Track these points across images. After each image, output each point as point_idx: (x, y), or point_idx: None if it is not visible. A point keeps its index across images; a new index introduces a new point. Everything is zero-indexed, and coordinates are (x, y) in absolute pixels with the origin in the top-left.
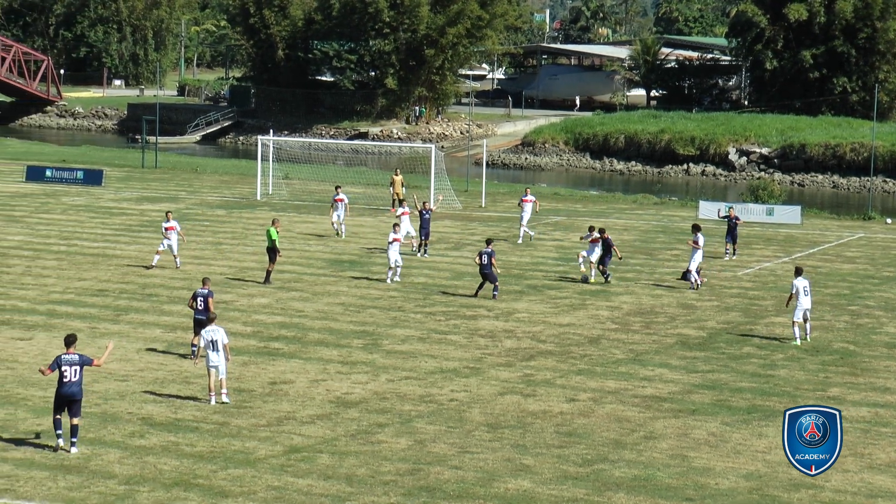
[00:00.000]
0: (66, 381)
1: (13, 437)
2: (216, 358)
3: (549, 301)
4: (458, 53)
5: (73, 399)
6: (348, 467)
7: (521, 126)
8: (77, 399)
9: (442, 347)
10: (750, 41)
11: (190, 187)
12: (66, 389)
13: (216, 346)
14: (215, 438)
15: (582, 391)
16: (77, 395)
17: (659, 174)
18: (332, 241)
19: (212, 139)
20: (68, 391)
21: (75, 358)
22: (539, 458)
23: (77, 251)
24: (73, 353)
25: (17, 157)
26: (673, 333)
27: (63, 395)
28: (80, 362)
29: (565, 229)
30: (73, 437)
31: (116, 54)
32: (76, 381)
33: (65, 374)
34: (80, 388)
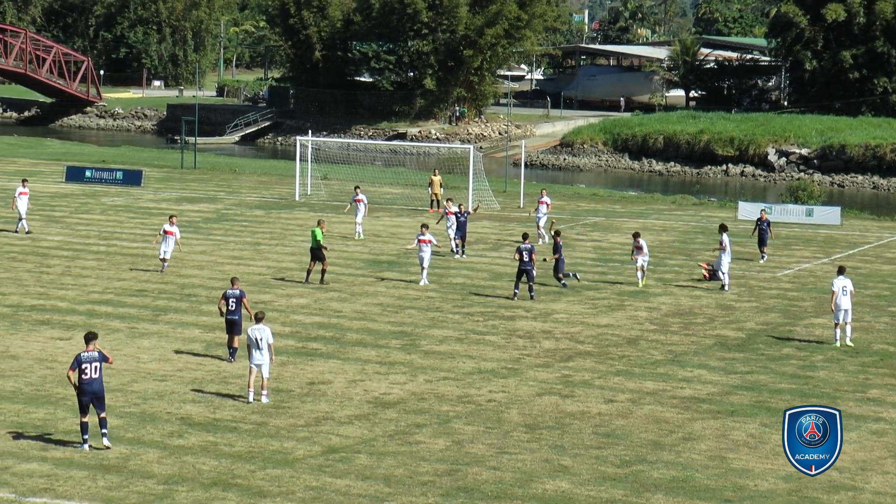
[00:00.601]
0: (86, 379)
1: (53, 437)
2: (260, 356)
3: (587, 302)
4: (496, 54)
5: (97, 395)
6: (386, 468)
7: (560, 126)
8: (100, 395)
9: (480, 348)
10: (790, 41)
11: (229, 188)
12: (88, 387)
13: (261, 344)
14: (254, 438)
15: (620, 392)
16: (99, 391)
17: (698, 175)
18: (369, 242)
19: (250, 140)
20: (90, 388)
21: (95, 355)
22: (577, 458)
23: (116, 251)
24: (92, 350)
25: (57, 157)
26: (712, 334)
27: (86, 393)
28: (99, 359)
29: (604, 230)
30: (104, 429)
31: (156, 55)
32: (97, 378)
33: (85, 371)
34: (102, 385)
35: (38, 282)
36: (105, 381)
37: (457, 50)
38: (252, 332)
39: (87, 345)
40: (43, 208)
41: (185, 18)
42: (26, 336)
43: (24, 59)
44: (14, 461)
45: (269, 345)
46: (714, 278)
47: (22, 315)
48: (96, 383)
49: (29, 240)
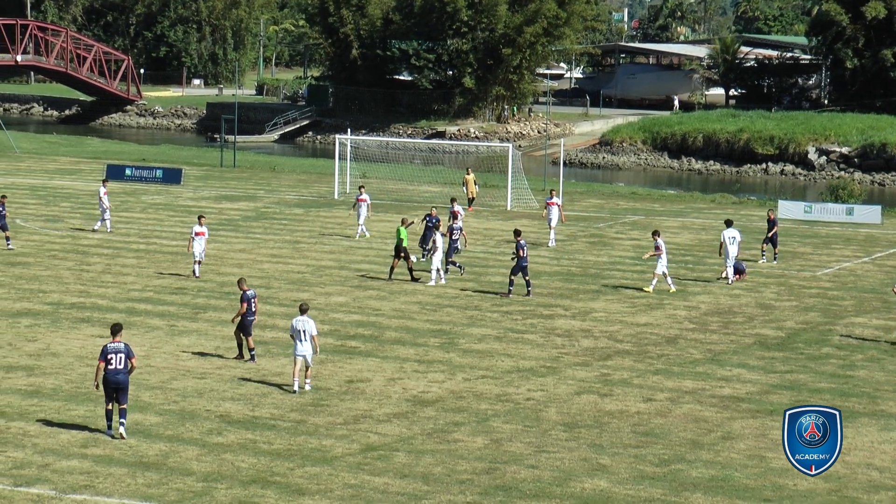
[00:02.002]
0: (111, 369)
1: (92, 435)
2: (303, 348)
3: (626, 300)
4: (535, 52)
5: (120, 387)
6: (424, 466)
7: (599, 125)
8: (124, 387)
9: (518, 346)
10: (830, 40)
11: (268, 186)
12: (113, 377)
13: (305, 336)
14: (292, 436)
15: (659, 391)
16: (123, 382)
17: (738, 174)
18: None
19: (290, 138)
20: (114, 378)
21: (121, 346)
22: (616, 457)
23: (156, 249)
24: (118, 341)
25: (98, 156)
26: (751, 333)
27: (110, 383)
28: (125, 351)
29: (643, 228)
30: (122, 419)
31: (196, 54)
32: (122, 368)
33: (111, 361)
34: (126, 377)
35: (79, 280)
36: (145, 379)
37: (496, 48)
38: (296, 323)
39: (113, 336)
40: (83, 206)
41: (225, 17)
42: (67, 333)
43: (66, 57)
44: (54, 458)
45: (313, 336)
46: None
47: (62, 313)
48: (121, 374)
49: (70, 237)
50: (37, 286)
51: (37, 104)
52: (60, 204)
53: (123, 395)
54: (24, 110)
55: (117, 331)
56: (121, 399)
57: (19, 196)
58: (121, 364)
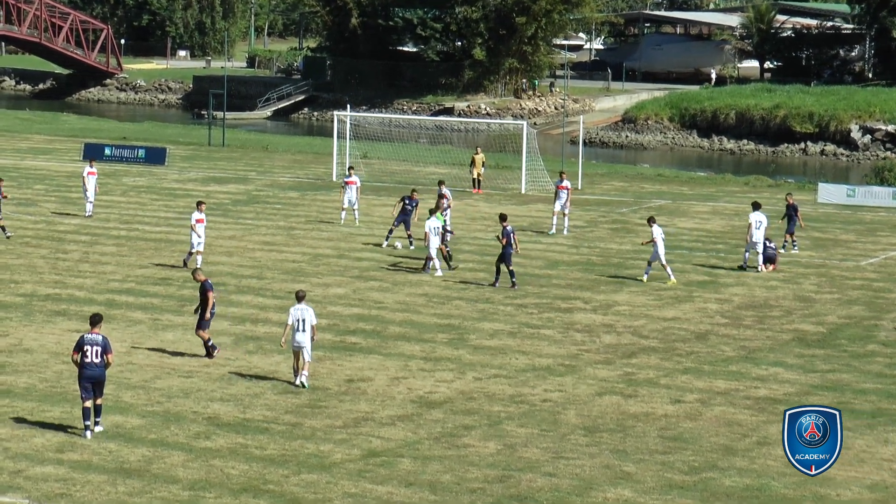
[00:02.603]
0: (87, 362)
1: (69, 438)
2: (302, 338)
3: (651, 293)
4: (552, 21)
5: (97, 381)
6: (432, 473)
7: (622, 101)
8: (101, 381)
9: (534, 343)
10: (875, 7)
11: (260, 167)
12: (88, 371)
13: (304, 325)
14: (287, 440)
15: (688, 392)
16: (99, 376)
17: (773, 154)
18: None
19: (284, 115)
20: (90, 373)
21: (98, 338)
22: (641, 464)
23: (138, 236)
24: (97, 332)
25: (75, 133)
26: (789, 329)
27: (86, 377)
28: (102, 344)
29: (670, 214)
30: (97, 417)
31: (181, 23)
32: (98, 362)
33: (86, 353)
34: (103, 371)
35: (54, 269)
36: (126, 378)
37: (509, 17)
38: (294, 312)
39: (92, 327)
40: (59, 189)
41: None
42: (41, 328)
43: (39, 26)
44: (28, 464)
45: (312, 326)
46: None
47: (36, 305)
48: (98, 368)
49: (44, 223)
50: (8, 276)
51: (8, 77)
52: (34, 186)
53: (100, 388)
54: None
55: (97, 321)
56: (97, 392)
57: None
58: (97, 357)
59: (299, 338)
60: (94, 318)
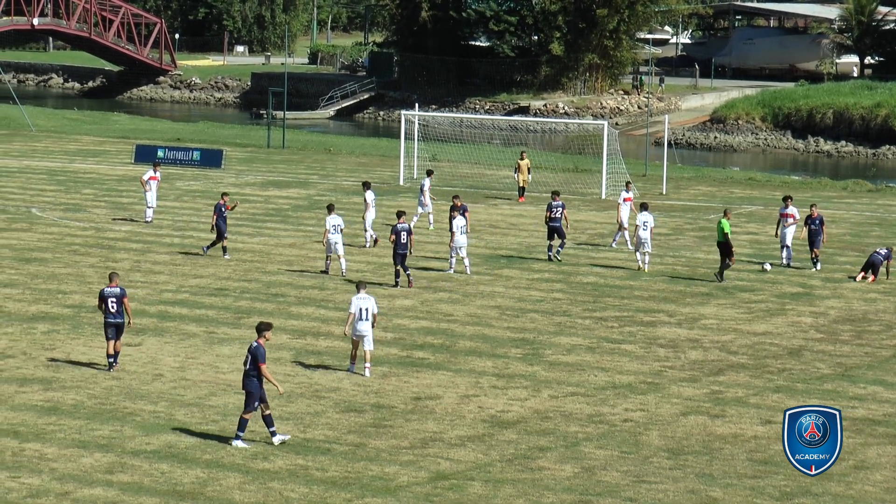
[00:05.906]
0: (110, 312)
1: (119, 459)
2: (364, 327)
3: (741, 305)
4: (635, 13)
5: (118, 328)
6: (504, 498)
7: (710, 99)
8: (120, 327)
9: (614, 359)
10: None
11: (322, 170)
12: (110, 318)
13: (367, 314)
14: (350, 462)
15: (780, 412)
16: (121, 325)
17: (874, 156)
18: (486, 234)
19: (348, 114)
20: (112, 321)
21: (116, 291)
22: (729, 489)
23: (193, 244)
24: (114, 286)
25: (126, 134)
26: (890, 345)
27: (109, 325)
28: (119, 294)
29: (761, 221)
30: (116, 359)
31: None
32: (116, 311)
33: (111, 305)
34: (123, 318)
35: (104, 279)
36: (179, 395)
37: (589, 9)
38: (357, 301)
39: (110, 281)
40: (109, 193)
41: None
42: (89, 341)
43: (89, 20)
44: (75, 485)
45: (374, 315)
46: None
47: (85, 317)
48: (119, 316)
49: (93, 230)
50: (55, 286)
51: (56, 75)
52: (83, 191)
53: (119, 334)
54: (41, 82)
55: (114, 276)
56: (116, 338)
57: (35, 181)
58: (116, 307)
59: (361, 327)
60: (112, 274)
